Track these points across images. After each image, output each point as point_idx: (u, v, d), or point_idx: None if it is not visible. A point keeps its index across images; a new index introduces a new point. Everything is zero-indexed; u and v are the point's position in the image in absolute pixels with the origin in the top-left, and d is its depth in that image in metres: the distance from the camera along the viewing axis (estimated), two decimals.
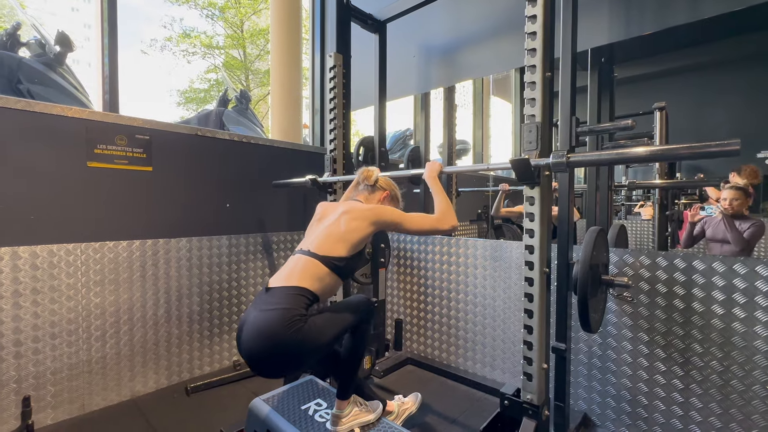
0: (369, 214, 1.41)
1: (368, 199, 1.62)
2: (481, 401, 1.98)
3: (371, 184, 1.64)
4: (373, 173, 1.65)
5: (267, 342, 1.17)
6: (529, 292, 1.36)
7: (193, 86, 15.46)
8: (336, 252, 1.34)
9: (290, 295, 1.24)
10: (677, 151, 1.06)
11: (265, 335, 1.17)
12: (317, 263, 1.31)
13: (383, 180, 1.67)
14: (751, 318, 1.38)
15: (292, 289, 1.25)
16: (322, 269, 1.31)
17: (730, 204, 2.63)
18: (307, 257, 1.33)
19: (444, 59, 2.74)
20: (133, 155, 1.95)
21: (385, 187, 1.65)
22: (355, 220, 1.39)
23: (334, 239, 1.36)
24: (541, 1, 1.31)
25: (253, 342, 1.19)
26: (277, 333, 1.16)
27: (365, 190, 1.64)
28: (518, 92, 5.43)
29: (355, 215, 1.40)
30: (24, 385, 1.65)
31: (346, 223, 1.38)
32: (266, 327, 1.17)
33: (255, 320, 1.21)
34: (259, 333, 1.18)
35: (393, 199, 1.67)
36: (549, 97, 1.34)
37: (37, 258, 1.67)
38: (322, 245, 1.35)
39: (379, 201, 1.62)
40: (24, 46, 2.25)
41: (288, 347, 1.17)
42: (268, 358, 1.20)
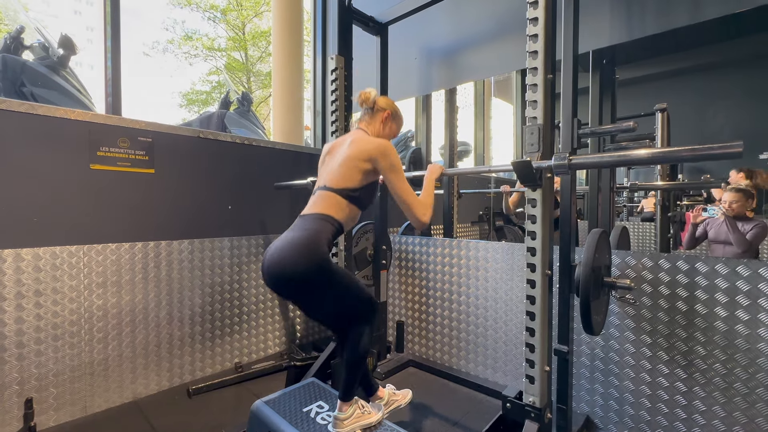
0: (373, 151, 1.43)
1: (370, 124, 1.62)
2: (483, 403, 1.98)
3: (370, 107, 1.62)
4: (370, 94, 1.61)
5: (290, 254, 1.27)
6: (531, 295, 1.36)
7: (194, 88, 15.51)
8: (350, 184, 1.43)
9: (319, 220, 1.37)
10: (679, 153, 1.05)
11: (292, 248, 1.28)
12: (335, 195, 1.42)
13: (382, 100, 1.64)
14: (754, 320, 1.37)
15: (319, 215, 1.38)
16: (341, 201, 1.42)
17: (730, 206, 2.63)
18: (326, 192, 1.44)
19: (445, 61, 2.75)
20: (135, 157, 1.96)
21: (384, 106, 1.63)
22: (360, 154, 1.43)
23: (345, 172, 1.43)
24: (542, 3, 1.31)
25: (277, 255, 1.29)
26: (302, 249, 1.27)
27: (366, 115, 1.63)
28: (519, 94, 5.44)
29: (361, 149, 1.44)
30: (26, 387, 1.65)
31: (353, 158, 1.44)
32: (294, 242, 1.29)
33: (284, 238, 1.33)
34: (286, 247, 1.29)
35: (395, 118, 1.67)
36: (551, 99, 1.34)
37: (39, 260, 1.68)
38: (336, 180, 1.44)
39: (381, 122, 1.62)
40: (28, 49, 2.26)
41: (310, 261, 1.26)
42: (286, 269, 1.27)
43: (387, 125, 1.64)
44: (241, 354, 2.40)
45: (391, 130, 1.67)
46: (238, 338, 2.39)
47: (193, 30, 15.84)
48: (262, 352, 2.51)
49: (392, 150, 1.46)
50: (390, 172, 1.44)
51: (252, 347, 2.46)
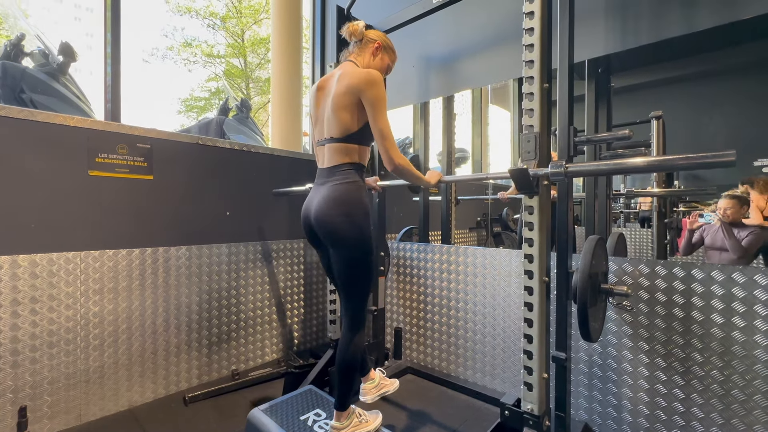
0: (361, 82, 1.40)
1: (359, 56, 1.58)
2: (482, 411, 1.97)
3: (359, 39, 1.58)
4: (358, 26, 1.56)
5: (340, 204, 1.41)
6: (529, 301, 1.36)
7: (193, 94, 15.57)
8: (350, 127, 1.45)
9: (348, 170, 1.46)
10: (674, 161, 1.07)
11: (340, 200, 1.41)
12: (341, 144, 1.46)
13: (372, 31, 1.61)
14: (750, 327, 1.38)
15: (345, 165, 1.46)
16: (348, 146, 1.46)
17: (725, 213, 2.65)
18: (334, 144, 1.47)
19: (443, 69, 2.77)
20: (134, 164, 1.96)
21: (374, 37, 1.59)
22: (349, 89, 1.42)
23: (341, 117, 1.44)
24: (538, 13, 1.34)
25: (328, 205, 1.42)
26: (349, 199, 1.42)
27: (355, 47, 1.60)
28: (517, 101, 5.49)
29: (350, 84, 1.42)
30: (20, 395, 1.64)
31: (342, 95, 1.43)
32: (340, 195, 1.42)
33: (328, 191, 1.44)
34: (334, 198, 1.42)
35: (386, 49, 1.63)
36: (547, 108, 1.36)
37: (36, 266, 1.67)
38: (334, 129, 1.46)
39: (371, 54, 1.59)
40: (28, 56, 2.28)
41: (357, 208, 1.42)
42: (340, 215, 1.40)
43: (377, 56, 1.60)
44: (238, 361, 2.39)
45: (382, 62, 1.62)
46: (235, 345, 2.38)
47: (192, 37, 15.93)
48: (259, 359, 2.50)
49: (379, 80, 1.42)
50: (373, 105, 1.40)
51: (249, 354, 2.45)
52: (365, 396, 1.59)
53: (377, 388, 1.61)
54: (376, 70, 1.47)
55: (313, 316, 2.83)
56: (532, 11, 1.35)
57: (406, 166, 1.49)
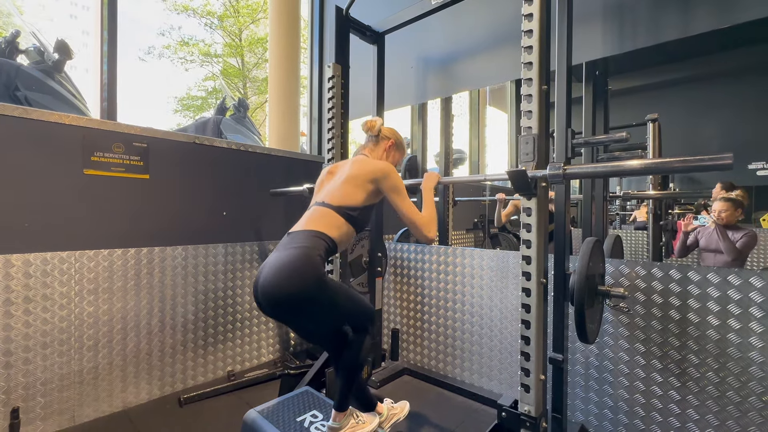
0: (377, 172, 1.46)
1: (374, 151, 1.66)
2: (478, 412, 1.97)
3: (375, 135, 1.66)
4: (376, 123, 1.66)
5: (285, 274, 1.20)
6: (527, 303, 1.36)
7: (190, 93, 15.49)
8: (350, 202, 1.43)
9: (311, 236, 1.32)
10: (671, 164, 1.07)
11: (285, 268, 1.21)
12: (333, 212, 1.40)
13: (387, 129, 1.69)
14: (745, 329, 1.38)
15: (312, 232, 1.33)
16: (338, 218, 1.40)
17: (719, 215, 2.67)
18: (323, 208, 1.42)
19: (441, 71, 2.78)
20: (130, 163, 1.94)
21: (389, 135, 1.68)
22: (365, 175, 1.45)
23: (347, 190, 1.44)
24: (537, 16, 1.34)
25: (271, 276, 1.21)
26: (296, 267, 1.21)
27: (370, 142, 1.68)
28: (514, 103, 5.51)
29: (365, 170, 1.46)
30: (13, 396, 1.62)
31: (356, 177, 1.45)
32: (287, 262, 1.22)
33: (276, 258, 1.26)
34: (280, 267, 1.22)
35: (398, 147, 1.71)
36: (545, 110, 1.36)
37: (30, 266, 1.65)
38: (336, 197, 1.43)
39: (384, 150, 1.66)
40: (23, 54, 2.25)
41: (306, 281, 1.20)
42: (284, 294, 1.20)
43: (390, 154, 1.69)
44: (234, 362, 2.37)
45: (393, 159, 1.71)
46: (231, 346, 2.36)
47: (189, 36, 15.85)
48: (255, 360, 2.48)
49: (394, 171, 1.49)
50: (393, 193, 1.47)
51: (245, 355, 2.43)
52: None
53: (387, 420, 1.59)
54: (388, 163, 1.55)
55: None
56: (531, 13, 1.35)
57: (435, 226, 1.52)
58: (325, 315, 1.31)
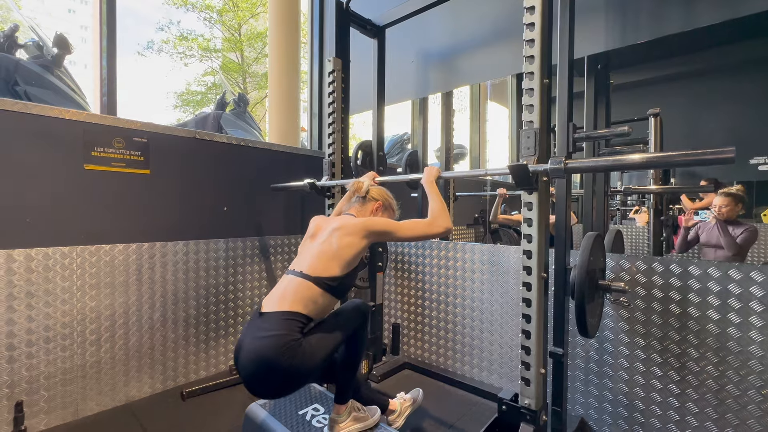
0: (360, 228, 1.38)
1: (360, 212, 1.58)
2: (479, 406, 1.98)
3: (362, 196, 1.60)
4: (363, 185, 1.61)
5: (263, 369, 1.18)
6: (527, 297, 1.37)
7: (190, 89, 15.43)
8: (329, 272, 1.32)
9: (283, 320, 1.23)
10: (673, 158, 1.07)
11: (261, 363, 1.18)
12: (310, 285, 1.30)
13: (375, 191, 1.63)
14: (745, 323, 1.39)
15: (285, 314, 1.24)
16: (315, 291, 1.30)
17: (720, 210, 2.67)
18: (300, 279, 1.31)
19: (442, 65, 2.76)
20: (130, 158, 1.94)
21: (377, 197, 1.61)
22: (347, 236, 1.36)
23: (326, 258, 1.34)
24: (538, 9, 1.33)
25: (250, 368, 1.21)
26: (272, 360, 1.17)
27: (357, 202, 1.61)
28: (515, 97, 5.48)
29: (347, 231, 1.37)
30: (17, 390, 1.63)
31: (338, 240, 1.35)
32: (261, 355, 1.18)
33: (250, 347, 1.22)
34: (255, 360, 1.19)
35: (387, 209, 1.63)
36: (547, 104, 1.35)
37: (32, 261, 1.66)
38: (314, 266, 1.33)
39: (372, 212, 1.58)
40: (21, 48, 2.24)
41: (285, 373, 1.19)
42: (265, 383, 1.23)
43: (377, 215, 1.59)
44: None
45: None
46: (233, 340, 2.38)
47: (188, 30, 15.76)
48: None
49: (378, 219, 1.47)
50: (390, 230, 1.41)
51: None
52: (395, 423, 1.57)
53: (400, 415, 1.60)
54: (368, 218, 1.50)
55: None
56: (532, 6, 1.34)
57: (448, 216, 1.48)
58: (310, 374, 1.27)
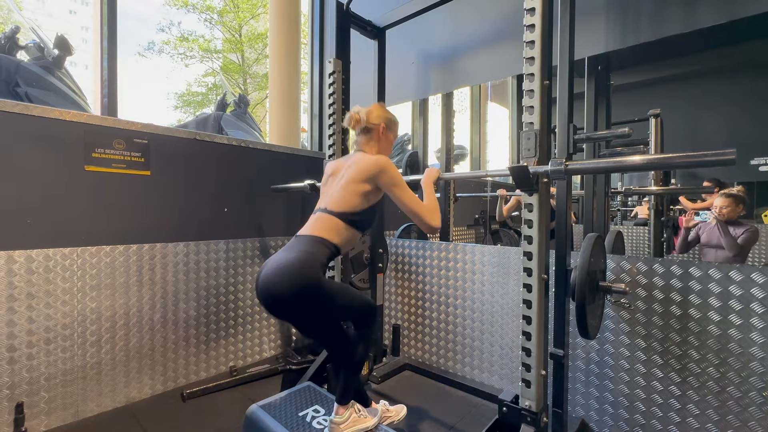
0: (372, 170, 1.43)
1: (368, 143, 1.59)
2: (479, 407, 1.98)
3: (363, 127, 1.59)
4: (359, 115, 1.56)
5: (282, 277, 1.25)
6: (528, 299, 1.36)
7: (190, 89, 15.45)
8: (350, 207, 1.42)
9: (315, 242, 1.35)
10: (673, 159, 1.07)
11: (286, 271, 1.25)
12: (335, 219, 1.41)
13: (373, 115, 1.58)
14: (746, 325, 1.39)
15: (316, 238, 1.37)
16: (340, 224, 1.41)
17: (721, 211, 2.67)
18: (325, 214, 1.43)
19: (442, 66, 2.76)
20: (131, 159, 1.94)
21: (376, 121, 1.58)
22: (360, 176, 1.44)
23: (346, 196, 1.43)
24: (539, 10, 1.33)
25: (271, 275, 1.27)
26: (294, 271, 1.25)
27: (362, 136, 1.60)
28: (516, 98, 5.49)
29: (360, 170, 1.44)
30: (17, 391, 1.63)
31: (354, 180, 1.44)
32: (288, 264, 1.26)
33: (278, 258, 1.31)
34: (280, 268, 1.26)
35: (390, 127, 1.63)
36: (547, 105, 1.35)
37: (32, 262, 1.66)
38: (337, 203, 1.43)
39: (378, 138, 1.59)
40: (23, 49, 2.25)
41: (304, 285, 1.25)
42: (278, 290, 1.25)
43: (385, 138, 1.62)
44: (236, 357, 2.38)
45: (389, 141, 1.66)
46: (234, 341, 2.38)
47: (189, 31, 15.78)
48: (257, 355, 2.50)
49: (390, 165, 1.46)
50: (392, 187, 1.45)
51: (247, 350, 2.45)
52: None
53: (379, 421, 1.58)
54: (384, 156, 1.51)
55: None
56: (533, 7, 1.34)
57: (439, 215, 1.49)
58: (322, 315, 1.34)
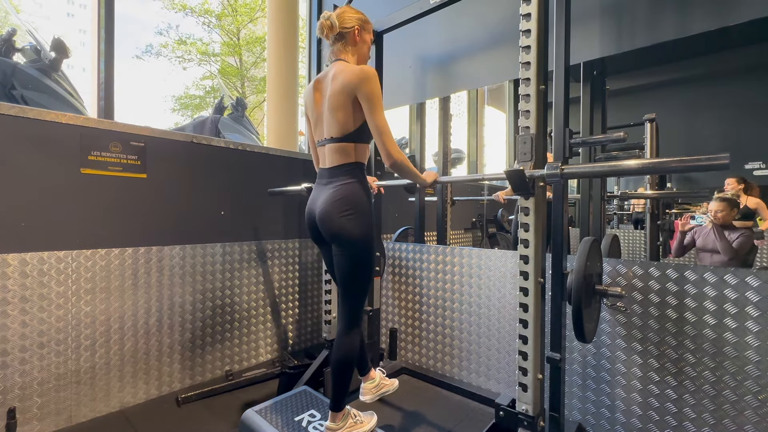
0: (354, 80, 1.41)
1: (345, 50, 1.54)
2: (476, 411, 1.97)
3: (337, 33, 1.51)
4: (330, 21, 1.49)
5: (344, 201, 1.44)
6: (524, 302, 1.37)
7: (188, 92, 15.45)
8: (350, 128, 1.47)
9: (351, 169, 1.49)
10: (668, 164, 1.08)
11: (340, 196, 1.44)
12: (340, 144, 1.48)
13: (345, 16, 1.52)
14: (742, 328, 1.39)
15: (347, 165, 1.49)
16: (348, 146, 1.49)
17: (715, 215, 2.69)
18: (335, 144, 1.49)
19: (440, 70, 2.78)
20: (127, 162, 1.94)
21: (350, 23, 1.52)
22: (346, 88, 1.43)
23: (339, 118, 1.46)
24: (535, 16, 1.34)
25: (329, 203, 1.45)
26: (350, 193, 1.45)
27: (337, 43, 1.54)
28: (512, 102, 5.52)
29: (345, 81, 1.42)
30: (9, 396, 1.61)
31: (340, 94, 1.44)
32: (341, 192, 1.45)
33: (325, 193, 1.49)
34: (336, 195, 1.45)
35: (365, 27, 1.57)
36: (543, 109, 1.36)
37: (26, 266, 1.65)
38: (333, 129, 1.49)
39: (355, 40, 1.54)
40: (19, 52, 2.24)
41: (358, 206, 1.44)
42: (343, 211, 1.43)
43: (361, 40, 1.56)
44: (232, 361, 2.37)
45: (366, 42, 1.60)
46: (229, 345, 2.36)
47: (187, 35, 15.80)
48: (253, 359, 2.48)
49: (373, 75, 1.42)
50: (369, 100, 1.41)
51: (243, 354, 2.43)
52: (364, 396, 1.60)
53: (377, 387, 1.61)
54: (369, 67, 1.47)
55: (308, 317, 2.82)
56: (529, 13, 1.35)
57: (404, 162, 1.50)
58: (359, 259, 1.46)
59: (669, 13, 1.78)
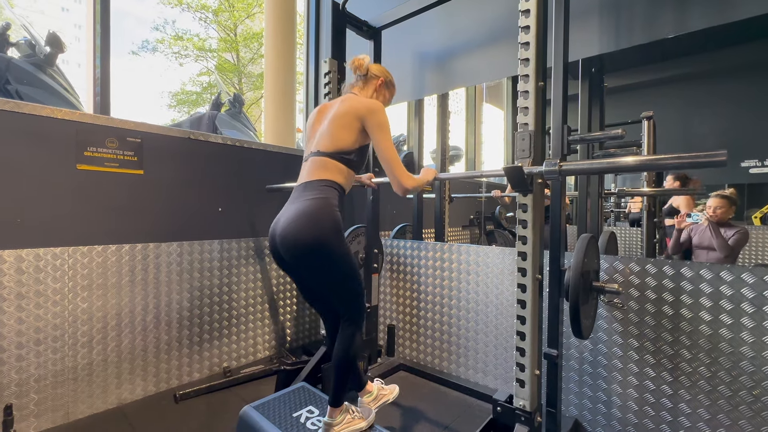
0: (362, 109, 1.41)
1: (363, 90, 1.59)
2: (474, 407, 1.98)
3: (363, 74, 1.58)
4: (363, 61, 1.57)
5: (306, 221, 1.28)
6: (522, 299, 1.37)
7: (185, 88, 15.35)
8: (343, 145, 1.41)
9: (323, 186, 1.37)
10: (666, 161, 1.08)
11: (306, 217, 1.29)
12: (330, 160, 1.41)
13: (375, 67, 1.60)
14: (737, 324, 1.40)
15: (322, 182, 1.38)
16: (337, 164, 1.42)
17: (714, 212, 2.70)
18: (320, 158, 1.42)
19: (438, 67, 2.77)
20: (123, 158, 1.92)
21: (377, 74, 1.59)
22: (350, 111, 1.42)
23: (337, 133, 1.41)
24: (534, 12, 1.34)
25: (293, 222, 1.30)
26: (317, 216, 1.29)
27: (359, 81, 1.60)
28: (511, 99, 5.52)
29: (351, 107, 1.42)
30: (6, 393, 1.60)
31: (342, 116, 1.42)
32: (306, 210, 1.30)
33: (291, 209, 1.34)
34: (300, 215, 1.30)
35: (388, 86, 1.64)
36: (542, 106, 1.36)
37: (22, 262, 1.64)
38: (327, 143, 1.42)
39: (374, 90, 1.59)
40: (13, 47, 2.22)
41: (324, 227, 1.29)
42: (302, 236, 1.28)
43: (380, 93, 1.61)
44: (229, 358, 2.37)
45: (384, 99, 1.64)
46: (227, 342, 2.36)
47: (184, 30, 15.68)
48: (251, 356, 2.48)
49: (382, 108, 1.43)
50: (378, 131, 1.41)
51: (241, 351, 2.43)
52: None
53: (375, 400, 1.59)
54: (379, 101, 1.49)
55: (306, 313, 2.82)
56: (528, 9, 1.35)
57: (416, 187, 1.46)
58: (335, 271, 1.33)
59: (668, 10, 1.78)
